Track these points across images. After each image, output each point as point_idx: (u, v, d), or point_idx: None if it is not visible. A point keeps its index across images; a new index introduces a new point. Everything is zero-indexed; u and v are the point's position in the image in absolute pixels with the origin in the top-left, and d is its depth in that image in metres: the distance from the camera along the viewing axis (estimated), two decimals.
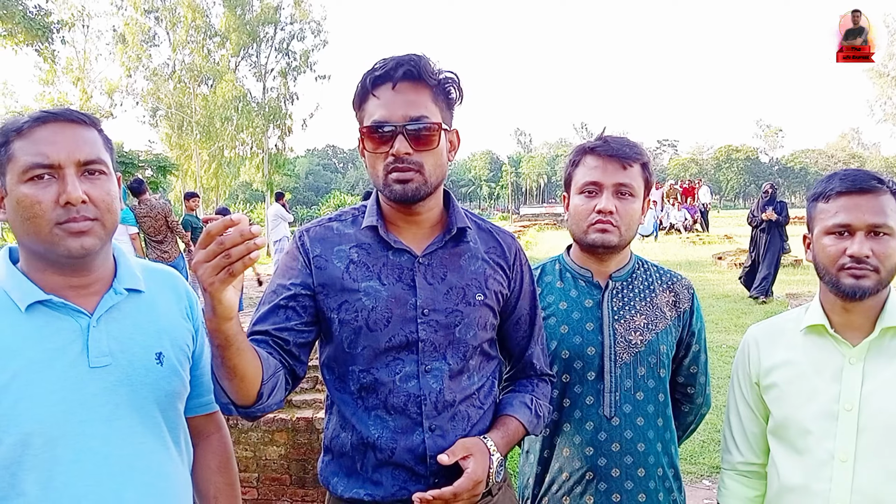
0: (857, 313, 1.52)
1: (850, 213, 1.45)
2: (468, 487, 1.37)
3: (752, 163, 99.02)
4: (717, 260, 15.05)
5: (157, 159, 20.13)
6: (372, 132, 1.42)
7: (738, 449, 1.74)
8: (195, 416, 1.52)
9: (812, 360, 1.56)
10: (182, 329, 1.45)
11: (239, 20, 32.53)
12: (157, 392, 1.35)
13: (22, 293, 1.24)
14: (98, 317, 1.29)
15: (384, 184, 1.44)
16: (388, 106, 1.41)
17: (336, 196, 34.69)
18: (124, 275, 1.36)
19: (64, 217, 1.21)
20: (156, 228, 8.54)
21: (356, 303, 1.45)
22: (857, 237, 1.45)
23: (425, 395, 1.45)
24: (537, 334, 1.67)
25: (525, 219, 34.24)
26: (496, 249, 1.60)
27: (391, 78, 1.41)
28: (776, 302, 9.99)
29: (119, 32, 30.81)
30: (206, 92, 32.32)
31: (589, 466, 1.75)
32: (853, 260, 1.44)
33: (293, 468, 3.74)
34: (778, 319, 1.71)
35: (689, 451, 4.60)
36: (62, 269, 1.27)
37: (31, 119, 1.25)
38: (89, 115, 1.31)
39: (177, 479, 1.39)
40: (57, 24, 19.06)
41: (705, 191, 25.97)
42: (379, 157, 1.43)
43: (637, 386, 1.77)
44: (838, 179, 1.49)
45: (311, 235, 1.53)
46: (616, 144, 1.76)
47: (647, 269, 1.89)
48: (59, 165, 1.22)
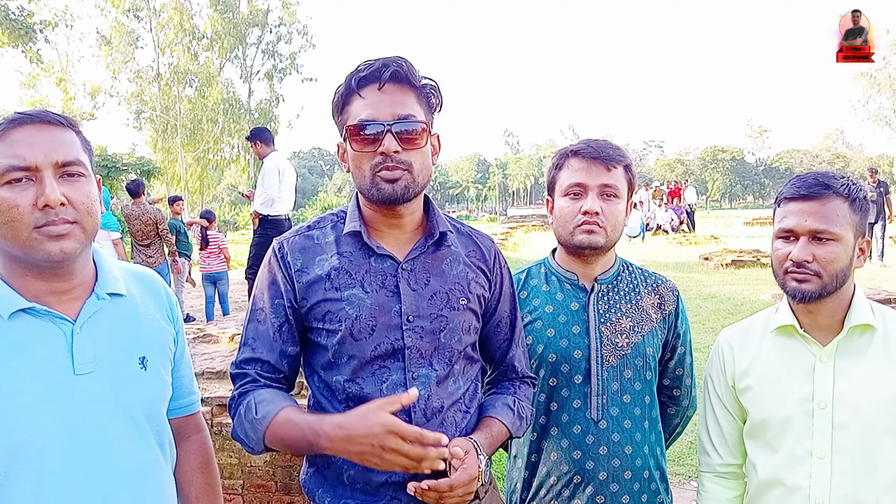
0: (821, 314, 1.55)
1: (793, 218, 1.51)
2: (464, 482, 1.36)
3: (738, 163, 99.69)
4: (703, 261, 15.12)
5: (141, 162, 20.03)
6: (359, 131, 1.40)
7: (716, 451, 1.75)
8: (176, 417, 1.51)
9: (784, 361, 1.59)
10: (164, 332, 1.43)
11: (226, 22, 32.41)
12: (142, 397, 1.34)
13: (4, 302, 1.22)
14: (81, 323, 1.27)
15: (371, 184, 1.41)
16: (376, 105, 1.39)
17: (323, 198, 34.61)
18: (105, 279, 1.34)
19: (42, 220, 1.19)
20: (144, 233, 8.54)
21: (339, 312, 1.43)
22: (799, 242, 1.49)
23: (414, 403, 1.42)
24: (518, 337, 1.66)
25: (513, 220, 34.28)
26: (476, 253, 1.58)
27: (378, 78, 1.40)
28: (762, 303, 10.04)
29: (103, 34, 30.59)
30: (191, 94, 32.15)
31: (577, 470, 1.75)
32: (794, 264, 1.50)
33: (278, 474, 3.71)
34: (748, 321, 1.74)
35: (677, 453, 4.61)
36: (43, 273, 1.24)
37: (6, 121, 1.22)
38: (66, 117, 1.29)
39: (164, 482, 1.39)
40: (40, 24, 18.91)
41: (692, 191, 26.15)
42: (366, 157, 1.41)
43: (624, 389, 1.77)
44: (790, 185, 1.55)
45: (290, 247, 1.49)
46: (599, 147, 1.77)
47: (631, 271, 1.89)
48: (36, 167, 1.19)
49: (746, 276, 13.02)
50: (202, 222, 9.32)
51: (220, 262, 9.12)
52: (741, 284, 11.95)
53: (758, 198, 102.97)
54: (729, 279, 12.66)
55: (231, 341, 4.92)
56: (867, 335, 1.54)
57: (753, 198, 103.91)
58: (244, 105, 33.73)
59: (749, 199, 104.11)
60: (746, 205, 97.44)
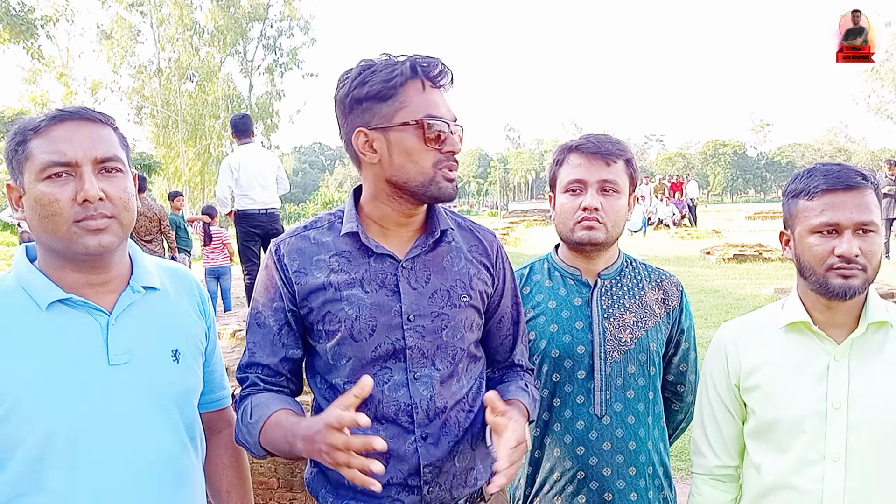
0: (841, 311, 1.49)
1: (837, 212, 1.42)
2: (518, 433, 1.31)
3: (740, 157, 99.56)
4: (705, 255, 15.08)
5: (142, 158, 20.02)
6: (431, 125, 1.36)
7: (713, 452, 1.68)
8: (207, 411, 1.54)
9: (795, 359, 1.52)
10: (196, 326, 1.46)
11: (227, 17, 32.35)
12: (175, 389, 1.36)
13: (42, 292, 1.25)
14: (117, 315, 1.30)
15: (431, 180, 1.38)
16: (439, 104, 1.39)
17: (324, 193, 34.52)
18: (140, 272, 1.37)
19: (81, 215, 1.22)
20: (147, 228, 8.65)
21: (339, 313, 1.41)
22: (844, 236, 1.41)
23: (416, 404, 1.42)
24: (522, 333, 1.65)
25: (514, 215, 34.22)
26: (478, 248, 1.56)
27: (442, 76, 1.40)
28: (765, 297, 10.02)
29: (103, 29, 30.54)
30: (191, 89, 32.12)
31: (580, 466, 1.74)
32: (842, 260, 1.41)
33: (280, 471, 3.70)
34: (752, 317, 1.67)
35: (681, 449, 4.60)
36: (80, 266, 1.28)
37: (47, 118, 1.26)
38: (105, 114, 1.33)
39: (193, 475, 1.41)
40: (40, 20, 18.90)
41: (693, 186, 26.05)
42: (430, 153, 1.38)
43: (627, 384, 1.76)
44: (821, 175, 1.45)
45: (287, 248, 1.47)
46: (599, 141, 1.75)
47: (635, 266, 1.88)
48: (76, 163, 1.23)
49: (748, 270, 12.98)
50: (204, 218, 9.33)
51: (224, 257, 9.14)
52: (743, 279, 11.92)
53: (759, 192, 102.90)
54: (731, 273, 12.62)
55: (233, 337, 4.90)
56: (881, 332, 1.48)
57: (755, 192, 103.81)
58: (245, 100, 33.70)
59: (750, 193, 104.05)
60: (748, 199, 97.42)
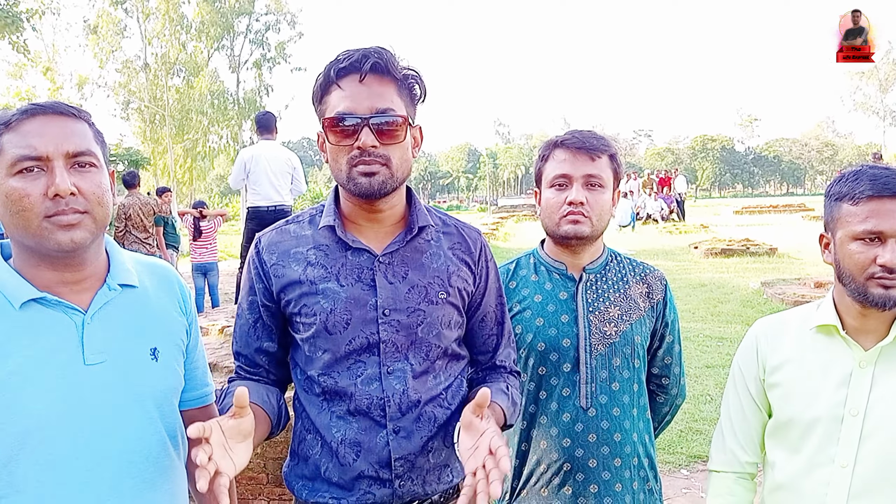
0: (875, 318, 1.45)
1: (882, 220, 1.36)
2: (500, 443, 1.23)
3: (728, 152, 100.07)
4: (693, 249, 15.18)
5: (129, 153, 19.86)
6: (336, 124, 1.38)
7: (742, 448, 1.64)
8: (189, 409, 1.51)
9: (820, 361, 1.50)
10: (176, 323, 1.44)
11: (213, 11, 32.10)
12: (153, 387, 1.34)
13: (15, 291, 1.23)
14: (92, 314, 1.28)
15: (348, 177, 1.39)
16: (354, 97, 1.37)
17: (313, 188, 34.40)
18: (118, 270, 1.35)
19: (53, 210, 1.19)
20: (143, 224, 8.62)
21: (314, 305, 1.42)
22: (888, 245, 1.36)
23: (389, 397, 1.42)
24: (507, 334, 1.65)
25: (503, 210, 34.28)
26: (461, 245, 1.56)
27: (358, 69, 1.37)
28: (752, 291, 10.10)
29: (89, 23, 30.25)
30: (178, 84, 31.88)
31: (566, 458, 1.76)
32: (884, 270, 1.36)
33: (269, 467, 3.71)
34: (785, 315, 1.63)
35: (668, 441, 4.64)
36: (55, 264, 1.25)
37: (19, 112, 1.24)
38: (79, 109, 1.30)
39: (174, 473, 1.39)
40: (26, 13, 18.70)
41: (681, 180, 26.17)
42: (343, 150, 1.39)
43: (612, 377, 1.78)
44: (868, 180, 1.38)
45: (266, 242, 1.49)
46: (584, 137, 1.78)
47: (619, 261, 1.90)
48: (47, 157, 1.20)
49: (736, 264, 13.07)
50: (194, 212, 9.28)
51: (211, 253, 9.09)
52: (731, 273, 12.01)
53: (747, 186, 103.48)
54: (719, 268, 12.71)
55: (220, 333, 4.89)
56: None
57: (743, 186, 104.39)
58: (232, 95, 33.51)
59: (738, 188, 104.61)
60: (735, 193, 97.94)
